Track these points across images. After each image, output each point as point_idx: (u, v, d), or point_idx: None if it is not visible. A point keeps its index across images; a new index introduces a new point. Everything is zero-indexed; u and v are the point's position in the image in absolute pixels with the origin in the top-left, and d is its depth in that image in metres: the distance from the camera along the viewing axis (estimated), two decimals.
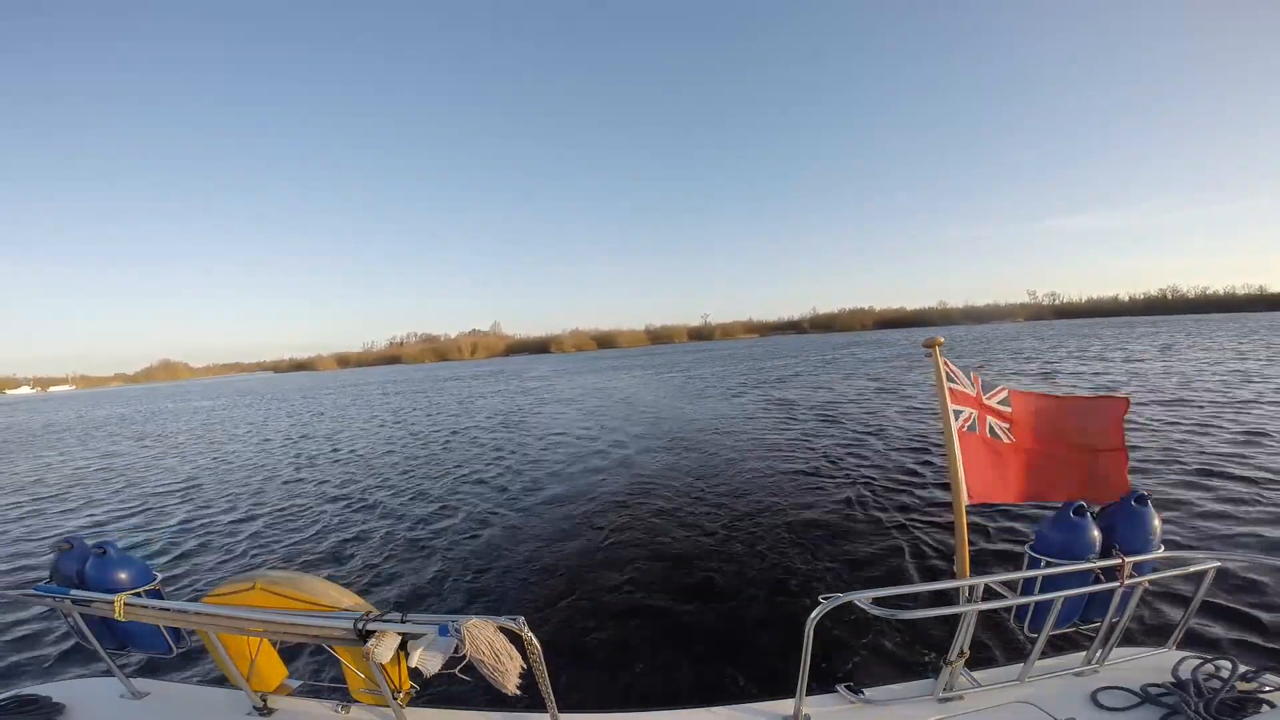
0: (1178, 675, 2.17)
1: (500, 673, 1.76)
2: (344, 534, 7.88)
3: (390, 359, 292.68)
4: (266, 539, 7.92)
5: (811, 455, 10.77)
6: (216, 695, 2.51)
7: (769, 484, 8.91)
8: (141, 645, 2.41)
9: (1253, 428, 10.42)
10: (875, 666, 3.92)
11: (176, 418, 33.11)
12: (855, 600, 2.00)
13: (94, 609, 2.16)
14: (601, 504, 8.45)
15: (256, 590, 2.11)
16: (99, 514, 10.20)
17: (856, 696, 2.32)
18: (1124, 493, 2.38)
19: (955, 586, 2.21)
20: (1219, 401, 13.47)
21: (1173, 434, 10.39)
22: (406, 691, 2.14)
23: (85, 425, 32.22)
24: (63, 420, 38.14)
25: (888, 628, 4.25)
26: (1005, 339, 58.68)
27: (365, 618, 1.86)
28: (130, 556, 2.35)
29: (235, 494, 10.88)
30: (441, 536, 7.49)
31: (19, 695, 2.37)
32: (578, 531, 7.29)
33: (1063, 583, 2.18)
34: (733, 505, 7.95)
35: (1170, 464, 8.44)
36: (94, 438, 24.60)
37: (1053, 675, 2.38)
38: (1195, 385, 16.51)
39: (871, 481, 8.62)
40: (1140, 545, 2.21)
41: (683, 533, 6.96)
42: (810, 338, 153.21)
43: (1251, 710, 1.94)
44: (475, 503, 9.09)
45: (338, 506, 9.41)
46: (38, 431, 30.46)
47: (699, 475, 9.79)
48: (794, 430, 13.63)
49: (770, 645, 4.33)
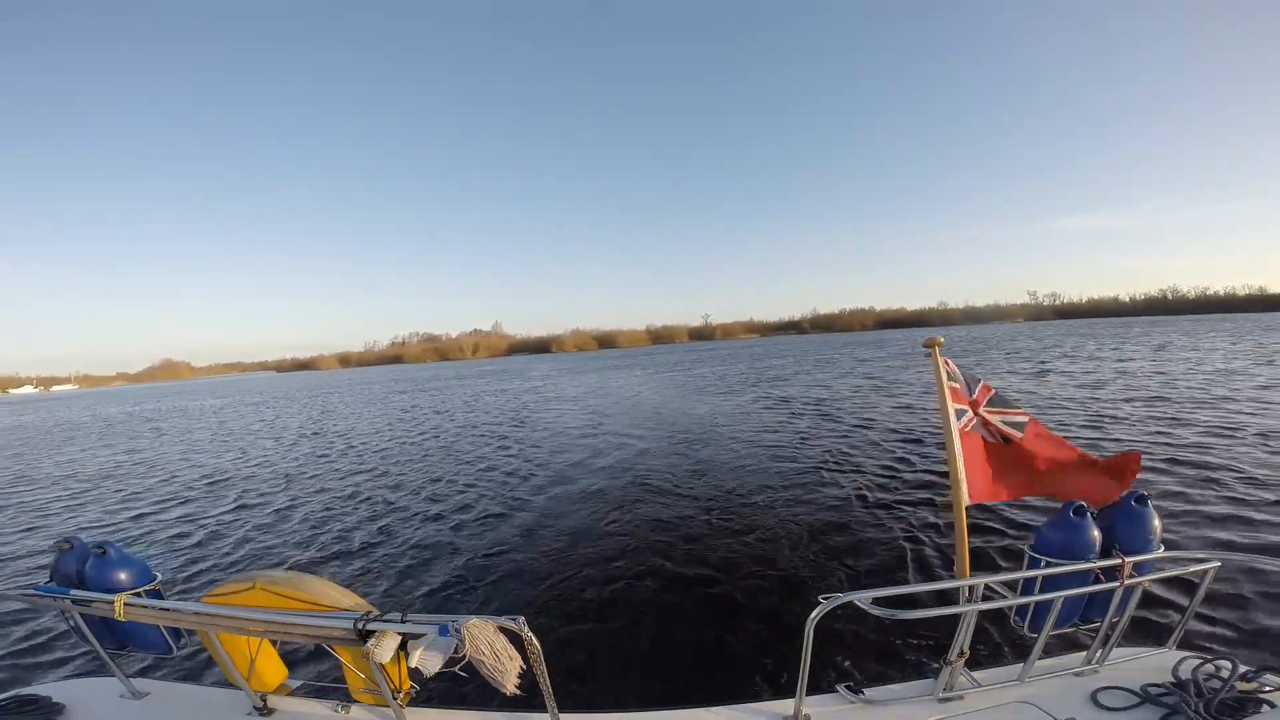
0: (1178, 675, 2.17)
1: (500, 673, 1.77)
2: (350, 533, 7.89)
3: (393, 359, 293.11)
4: (281, 533, 7.94)
5: (810, 455, 10.77)
6: (216, 695, 2.51)
7: (769, 484, 8.91)
8: (141, 645, 2.41)
9: (1227, 424, 10.50)
10: (875, 666, 3.92)
11: (188, 415, 33.33)
12: (855, 600, 2.00)
13: (94, 609, 2.16)
14: (602, 504, 8.45)
15: (256, 590, 2.11)
16: (140, 507, 10.29)
17: (856, 696, 2.32)
18: (1123, 492, 2.38)
19: (955, 586, 2.21)
20: (1199, 399, 13.59)
21: (1152, 429, 10.46)
22: (406, 691, 2.14)
23: (103, 422, 32.40)
24: (76, 418, 38.25)
25: (888, 628, 4.25)
26: (1003, 339, 58.83)
27: (365, 618, 1.86)
28: (130, 556, 2.35)
29: (258, 490, 10.89)
30: (444, 536, 7.49)
31: (19, 695, 2.37)
32: (579, 531, 7.29)
33: (1063, 583, 2.18)
34: (732, 505, 7.95)
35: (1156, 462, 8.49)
36: (113, 433, 24.80)
37: (1053, 675, 2.38)
38: (1179, 384, 16.72)
39: (871, 481, 8.62)
40: (1140, 545, 2.21)
41: (683, 532, 6.95)
42: (810, 338, 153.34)
43: (1251, 710, 1.94)
44: (478, 501, 9.09)
45: (349, 505, 9.42)
46: (56, 426, 30.61)
47: (699, 474, 9.79)
48: (792, 429, 13.64)
49: (770, 645, 4.33)
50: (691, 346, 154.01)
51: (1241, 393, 14.60)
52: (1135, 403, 14.17)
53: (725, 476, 9.58)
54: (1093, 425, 11.87)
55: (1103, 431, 11.21)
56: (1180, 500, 6.91)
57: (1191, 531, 6.00)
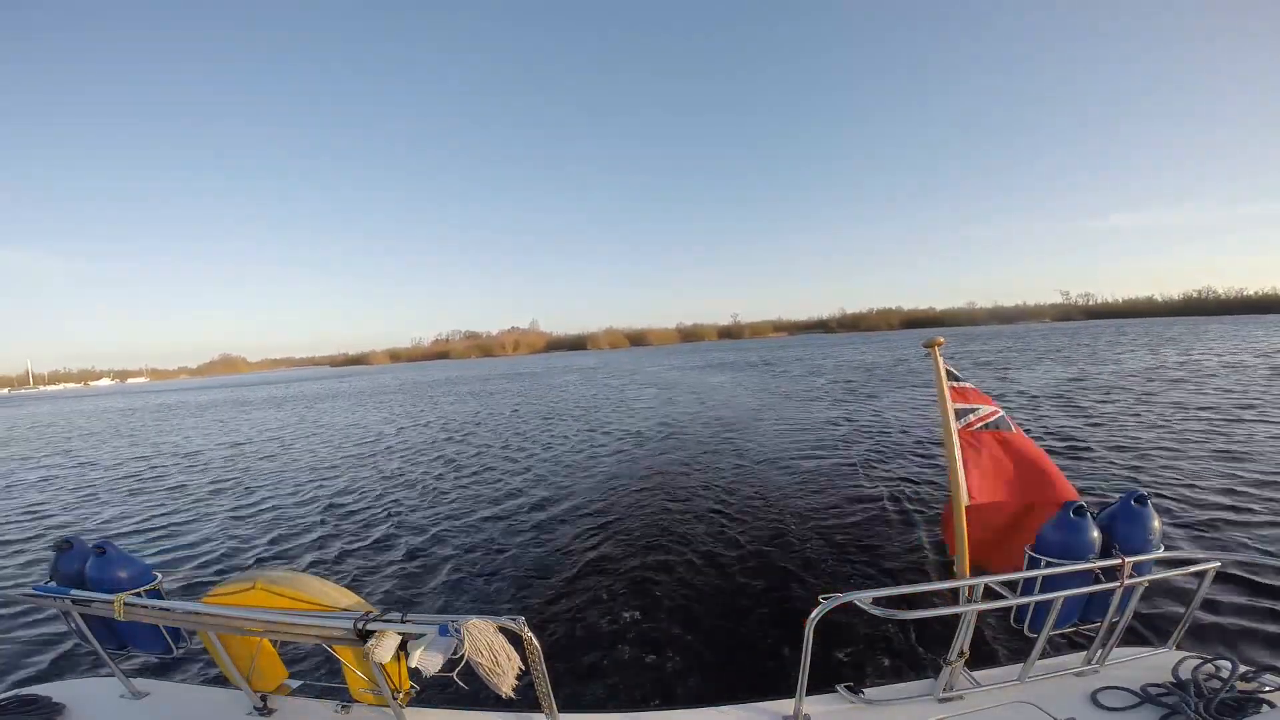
0: (1178, 675, 2.17)
1: (497, 675, 1.76)
2: (378, 535, 7.89)
3: (439, 354, 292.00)
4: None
5: (810, 454, 10.77)
6: (216, 695, 2.51)
7: (768, 483, 8.91)
8: (141, 645, 2.40)
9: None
10: (875, 666, 3.93)
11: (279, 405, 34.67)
12: (855, 600, 2.00)
13: (94, 609, 2.16)
14: (604, 503, 8.46)
15: (256, 590, 2.11)
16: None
17: (856, 696, 2.32)
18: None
19: (955, 586, 2.21)
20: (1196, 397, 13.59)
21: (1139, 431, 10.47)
22: (406, 691, 2.14)
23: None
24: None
25: (888, 628, 4.25)
26: (1001, 340, 58.66)
27: (365, 618, 1.86)
28: (130, 556, 2.35)
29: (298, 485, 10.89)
30: (446, 536, 7.50)
31: (19, 695, 2.37)
32: (580, 531, 7.29)
33: (1063, 583, 2.17)
34: (732, 505, 7.95)
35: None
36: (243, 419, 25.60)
37: (1053, 675, 2.37)
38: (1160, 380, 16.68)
39: (870, 481, 8.62)
40: (1140, 545, 2.21)
41: (683, 533, 6.95)
42: (837, 337, 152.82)
43: (1251, 710, 1.94)
44: (482, 501, 9.11)
45: (399, 507, 9.41)
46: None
47: (699, 473, 9.80)
48: (793, 429, 13.64)
49: (770, 645, 4.33)
50: (721, 344, 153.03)
51: (1241, 392, 14.63)
52: (1118, 401, 14.17)
53: (726, 476, 9.59)
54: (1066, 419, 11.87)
55: (1087, 425, 11.22)
56: (1180, 500, 6.92)
57: (1191, 532, 6.01)
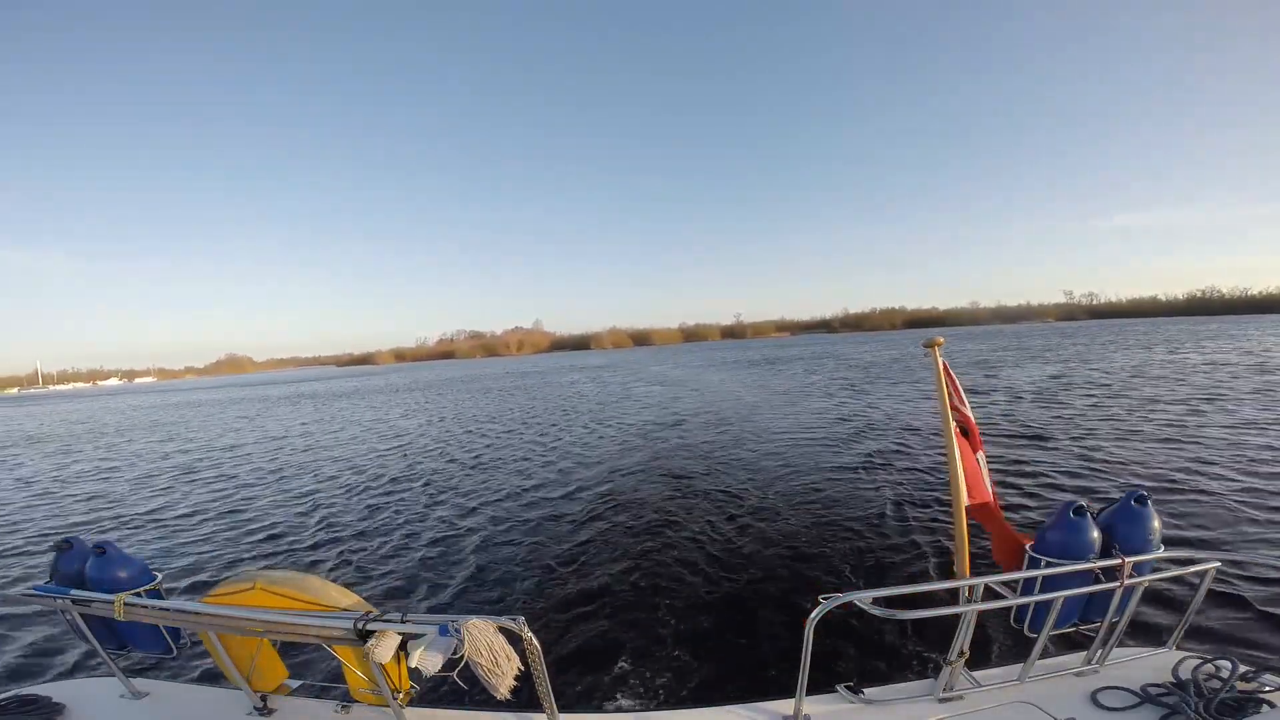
0: (1178, 675, 2.17)
1: (496, 675, 1.76)
2: (367, 532, 7.90)
3: (444, 354, 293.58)
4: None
5: (811, 454, 10.78)
6: (216, 695, 2.51)
7: (769, 484, 8.92)
8: (141, 645, 2.40)
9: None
10: (875, 666, 3.93)
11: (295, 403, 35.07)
12: (855, 600, 2.00)
13: (94, 609, 2.16)
14: (604, 504, 8.46)
15: (256, 590, 2.10)
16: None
17: (856, 696, 2.32)
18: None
19: (955, 586, 2.21)
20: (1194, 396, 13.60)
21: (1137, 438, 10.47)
22: (406, 691, 2.14)
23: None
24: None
25: (888, 628, 4.25)
26: (1000, 339, 58.68)
27: (365, 618, 1.86)
28: (130, 556, 2.35)
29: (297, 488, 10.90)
30: (449, 536, 7.50)
31: (19, 695, 2.36)
32: (581, 531, 7.30)
33: (1063, 583, 2.17)
34: (733, 505, 7.95)
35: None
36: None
37: (1053, 675, 2.37)
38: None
39: (871, 481, 8.62)
40: (1140, 545, 2.21)
41: (683, 533, 6.95)
42: (840, 336, 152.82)
43: (1251, 710, 1.94)
44: (485, 501, 9.11)
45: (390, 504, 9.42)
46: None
47: (700, 473, 9.80)
48: (794, 429, 13.65)
49: (770, 645, 4.34)
50: (724, 344, 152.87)
51: (1242, 390, 14.64)
52: (1107, 401, 14.17)
53: (726, 476, 9.59)
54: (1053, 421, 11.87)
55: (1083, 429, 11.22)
56: (1180, 500, 6.92)
57: (1191, 532, 6.01)
